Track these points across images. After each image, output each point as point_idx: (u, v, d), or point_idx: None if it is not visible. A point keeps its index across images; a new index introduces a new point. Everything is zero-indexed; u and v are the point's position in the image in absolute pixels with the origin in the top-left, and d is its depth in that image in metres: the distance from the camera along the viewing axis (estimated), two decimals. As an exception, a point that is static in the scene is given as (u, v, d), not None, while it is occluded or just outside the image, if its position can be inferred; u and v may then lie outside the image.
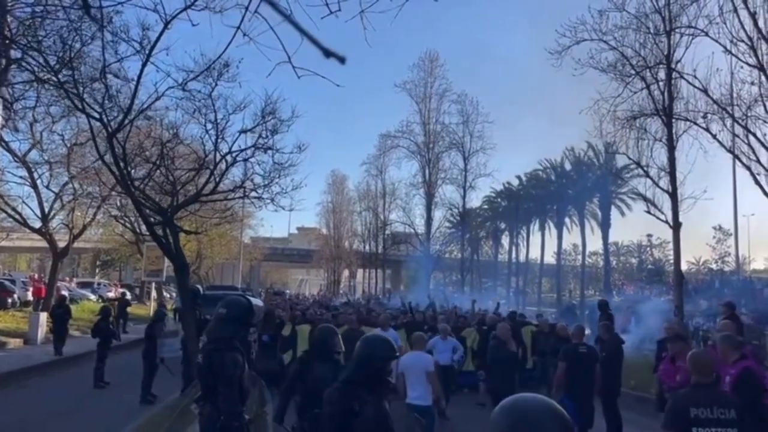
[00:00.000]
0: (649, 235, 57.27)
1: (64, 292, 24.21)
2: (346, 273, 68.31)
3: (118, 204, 26.12)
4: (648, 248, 68.61)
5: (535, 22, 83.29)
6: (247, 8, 5.71)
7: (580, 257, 58.33)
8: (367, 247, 56.76)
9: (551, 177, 53.14)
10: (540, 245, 55.73)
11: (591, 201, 50.70)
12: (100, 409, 10.87)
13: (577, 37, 15.04)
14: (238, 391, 4.18)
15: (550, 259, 58.31)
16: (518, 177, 54.68)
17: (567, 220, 53.23)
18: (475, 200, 46.11)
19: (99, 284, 42.65)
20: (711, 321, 25.27)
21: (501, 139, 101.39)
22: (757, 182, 11.89)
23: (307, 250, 75.10)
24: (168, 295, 41.15)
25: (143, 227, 16.59)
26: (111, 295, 38.11)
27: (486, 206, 56.73)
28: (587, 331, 13.64)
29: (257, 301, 5.04)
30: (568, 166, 52.24)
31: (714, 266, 57.07)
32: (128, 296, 31.70)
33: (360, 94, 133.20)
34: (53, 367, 15.42)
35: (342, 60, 1.47)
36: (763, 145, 11.97)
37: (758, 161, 12.04)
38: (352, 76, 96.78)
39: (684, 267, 60.06)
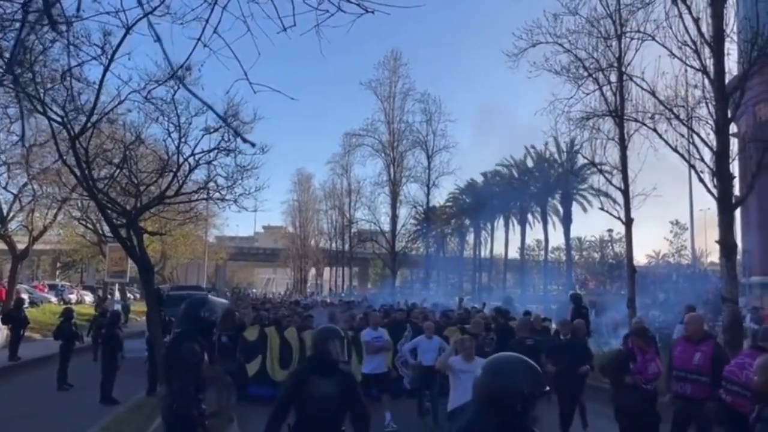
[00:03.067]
0: (610, 230, 58.68)
1: (24, 296, 23.83)
2: (313, 271, 68.31)
3: (80, 205, 25.80)
4: (609, 243, 70.31)
5: (497, 23, 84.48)
6: (207, 21, 5.93)
7: (543, 252, 59.52)
8: (334, 246, 56.92)
9: (514, 174, 54.09)
10: (504, 241, 56.77)
11: (553, 197, 51.80)
12: (63, 411, 10.91)
13: (533, 40, 15.50)
14: (193, 378, 4.40)
15: (514, 254, 59.45)
16: (483, 174, 55.55)
17: (530, 216, 54.30)
18: (439, 198, 46.68)
19: (63, 286, 41.88)
20: (667, 313, 26.21)
21: (466, 137, 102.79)
22: (701, 180, 12.49)
23: (273, 249, 74.91)
24: (132, 296, 40.65)
25: (106, 228, 16.50)
26: (72, 297, 37.51)
27: (451, 203, 57.42)
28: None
29: (222, 301, 5.26)
30: (530, 164, 53.27)
31: (671, 260, 58.87)
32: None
33: (325, 92, 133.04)
34: (15, 371, 15.29)
35: (252, 144, 1.73)
36: (706, 144, 12.58)
37: (702, 160, 12.64)
38: (317, 74, 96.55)
39: (644, 261, 61.56)
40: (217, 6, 5.61)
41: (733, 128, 30.80)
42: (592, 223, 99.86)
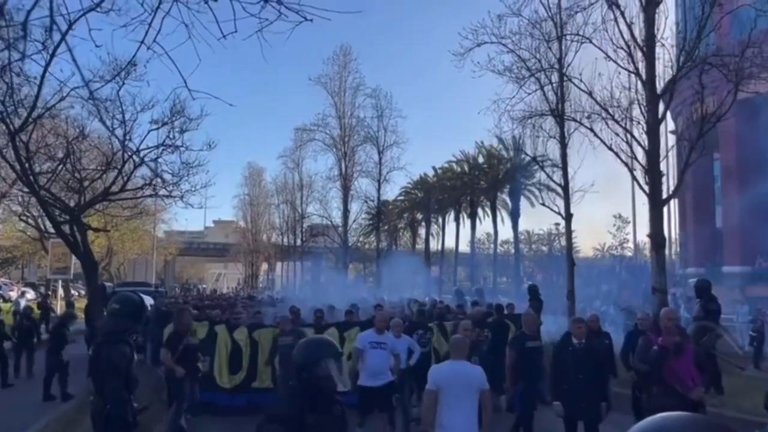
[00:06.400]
0: (557, 224, 60.15)
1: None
2: (264, 266, 67.82)
3: (21, 200, 25.04)
4: (556, 236, 72.16)
5: (446, 22, 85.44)
6: (150, 24, 6.04)
7: (493, 246, 60.71)
8: (286, 240, 56.69)
9: (465, 169, 54.94)
10: (455, 235, 57.60)
11: (502, 192, 52.87)
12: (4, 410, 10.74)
13: (479, 40, 15.89)
14: (124, 380, 4.57)
15: (465, 248, 60.41)
16: (434, 168, 56.24)
17: (480, 210, 55.26)
18: (390, 193, 47.14)
19: (3, 284, 40.44)
20: (607, 304, 27.31)
21: (416, 133, 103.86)
22: (634, 177, 13.19)
23: (224, 243, 73.92)
24: (76, 293, 39.59)
25: (48, 224, 16.16)
26: (12, 294, 36.29)
27: (402, 197, 57.95)
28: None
29: (148, 299, 5.42)
30: (481, 159, 54.18)
31: (615, 252, 60.91)
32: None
33: (275, 86, 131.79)
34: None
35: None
36: (639, 143, 13.26)
37: (635, 158, 13.32)
38: (267, 68, 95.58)
39: (590, 253, 63.41)
40: (161, 10, 5.74)
41: (671, 126, 32.25)
42: (541, 217, 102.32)
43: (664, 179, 14.49)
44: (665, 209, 39.13)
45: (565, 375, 6.78)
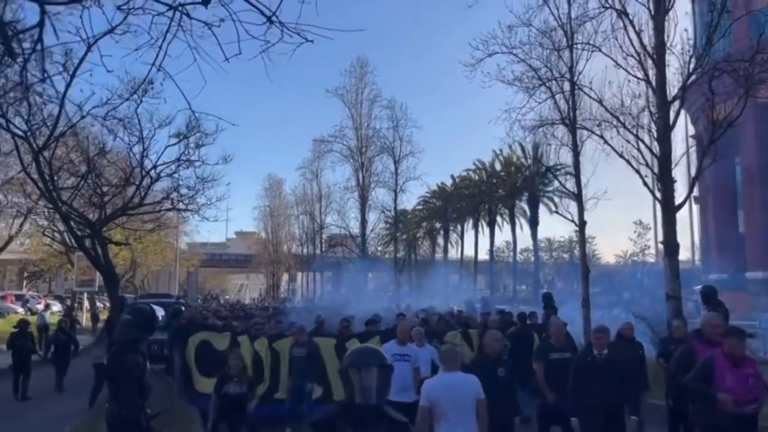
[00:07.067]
0: (576, 231, 59.64)
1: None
2: (286, 277, 68.33)
3: (46, 214, 25.72)
4: (577, 244, 71.51)
5: (457, 32, 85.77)
6: (160, 47, 6.33)
7: (512, 254, 60.49)
8: (305, 251, 57.11)
9: (482, 177, 54.97)
10: (474, 243, 57.53)
11: (520, 200, 52.76)
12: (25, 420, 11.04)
13: (489, 50, 16.02)
14: (137, 387, 4.82)
15: (484, 256, 60.26)
16: (452, 177, 56.39)
17: (499, 218, 55.18)
18: (406, 203, 47.39)
19: (30, 297, 41.41)
20: (626, 312, 27.01)
21: (431, 143, 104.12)
22: (645, 184, 13.18)
23: (245, 254, 74.63)
24: (101, 305, 40.32)
25: (72, 237, 16.62)
26: (39, 307, 37.09)
27: (421, 206, 58.13)
28: None
29: (160, 310, 5.68)
30: (498, 167, 54.17)
31: (636, 259, 60.29)
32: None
33: (295, 98, 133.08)
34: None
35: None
36: (650, 150, 13.25)
37: (647, 165, 13.31)
38: (286, 81, 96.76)
39: (612, 260, 62.80)
40: (169, 34, 6.03)
41: (691, 131, 31.95)
42: (561, 224, 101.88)
43: (683, 185, 14.45)
44: (688, 215, 38.72)
45: (584, 389, 6.24)
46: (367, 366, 2.82)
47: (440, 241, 61.25)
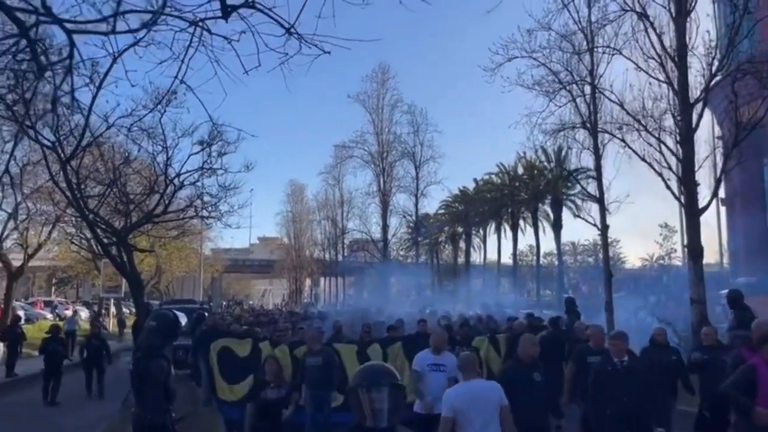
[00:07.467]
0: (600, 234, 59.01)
1: (20, 312, 24.19)
2: (308, 282, 68.68)
3: (74, 222, 26.24)
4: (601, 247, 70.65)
5: (476, 37, 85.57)
6: (182, 61, 6.48)
7: (535, 258, 59.96)
8: (327, 256, 57.37)
9: (505, 181, 54.67)
10: (497, 247, 57.21)
11: (543, 203, 52.34)
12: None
13: (509, 55, 16.03)
14: (163, 392, 4.95)
15: (507, 260, 59.86)
16: (474, 180, 56.19)
17: (521, 222, 54.77)
18: (427, 207, 47.42)
19: (58, 303, 42.25)
20: (652, 316, 26.65)
21: (451, 147, 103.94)
22: (668, 187, 13.06)
23: (268, 260, 75.10)
24: (127, 311, 40.97)
25: (98, 245, 16.96)
26: (68, 312, 37.83)
27: (443, 210, 57.99)
28: None
29: (183, 316, 5.81)
30: (520, 170, 53.83)
31: (662, 262, 59.40)
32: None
33: (314, 104, 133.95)
34: (11, 387, 15.62)
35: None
36: (672, 153, 13.14)
37: (669, 168, 13.20)
38: (305, 87, 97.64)
39: (638, 264, 61.86)
40: (191, 47, 6.18)
41: (718, 131, 31.50)
42: (586, 227, 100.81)
43: (708, 187, 14.25)
44: (715, 217, 38.09)
45: (606, 399, 5.94)
46: (378, 386, 2.63)
47: (462, 245, 61.05)
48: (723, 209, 37.57)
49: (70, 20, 5.30)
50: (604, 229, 15.80)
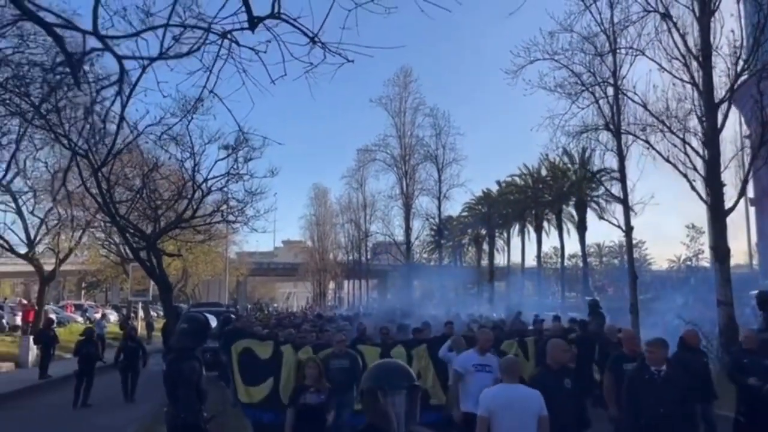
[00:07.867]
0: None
1: (52, 316, 24.75)
2: (332, 285, 68.97)
3: (103, 227, 26.77)
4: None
5: (503, 35, 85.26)
6: (210, 70, 6.69)
7: (560, 260, 59.45)
8: (351, 258, 57.57)
9: (528, 183, 54.35)
10: (521, 249, 56.88)
11: (567, 205, 51.89)
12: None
13: (531, 57, 16.05)
14: (195, 393, 5.12)
15: (531, 262, 59.46)
16: (498, 182, 55.94)
17: (545, 224, 54.37)
18: (450, 210, 47.37)
19: (89, 306, 43.11)
20: (677, 319, 26.24)
21: (473, 150, 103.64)
22: (693, 188, 12.95)
23: (292, 263, 75.57)
24: (155, 314, 41.63)
25: (128, 250, 17.33)
26: (97, 316, 38.59)
27: (466, 213, 57.83)
28: None
29: (212, 318, 5.97)
30: (544, 172, 53.46)
31: (690, 263, 58.51)
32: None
33: (338, 108, 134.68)
34: (45, 388, 16.05)
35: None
36: (698, 153, 13.03)
37: (694, 169, 13.09)
38: (329, 92, 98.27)
39: (665, 265, 60.98)
40: (219, 59, 6.39)
41: (746, 131, 31.01)
42: (611, 228, 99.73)
43: (734, 187, 14.09)
44: (744, 218, 37.43)
45: (640, 408, 5.69)
46: (395, 389, 2.40)
47: (486, 247, 60.79)
48: (752, 210, 36.94)
49: (111, 35, 5.50)
50: (628, 230, 15.69)
